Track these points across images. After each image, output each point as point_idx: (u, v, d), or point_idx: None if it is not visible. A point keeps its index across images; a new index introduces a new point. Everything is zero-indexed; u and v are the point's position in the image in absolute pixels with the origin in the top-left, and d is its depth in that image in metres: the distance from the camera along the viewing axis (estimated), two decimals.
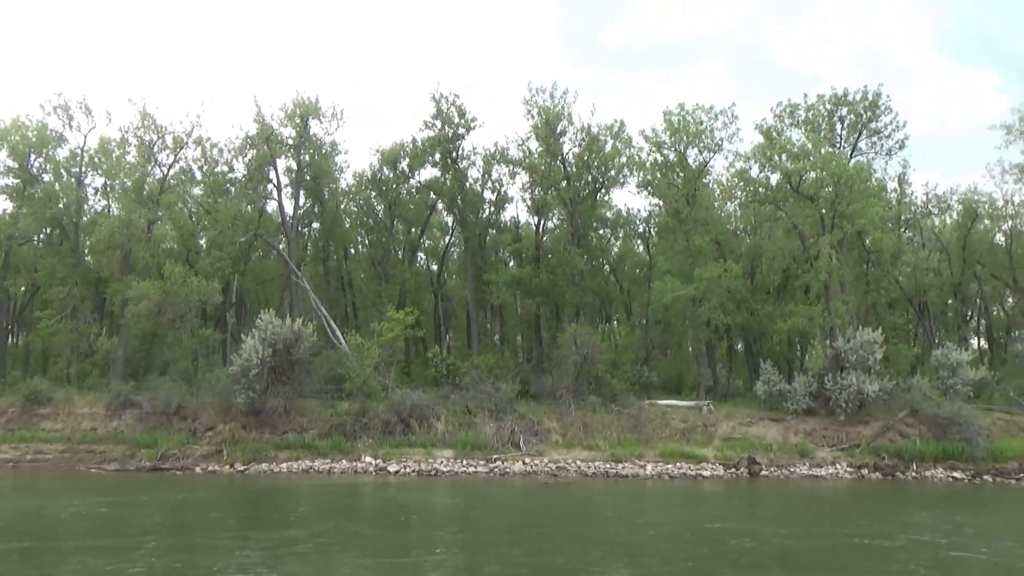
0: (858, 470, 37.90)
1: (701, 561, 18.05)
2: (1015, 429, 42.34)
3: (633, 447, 38.08)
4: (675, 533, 21.73)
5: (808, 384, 40.38)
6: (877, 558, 18.42)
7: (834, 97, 44.00)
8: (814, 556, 18.80)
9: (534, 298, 44.84)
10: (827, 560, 18.31)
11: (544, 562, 17.23)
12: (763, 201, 42.82)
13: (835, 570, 17.41)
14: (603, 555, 18.07)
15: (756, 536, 21.12)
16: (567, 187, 45.57)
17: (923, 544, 20.23)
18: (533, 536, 21.07)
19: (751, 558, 18.24)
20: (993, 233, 54.38)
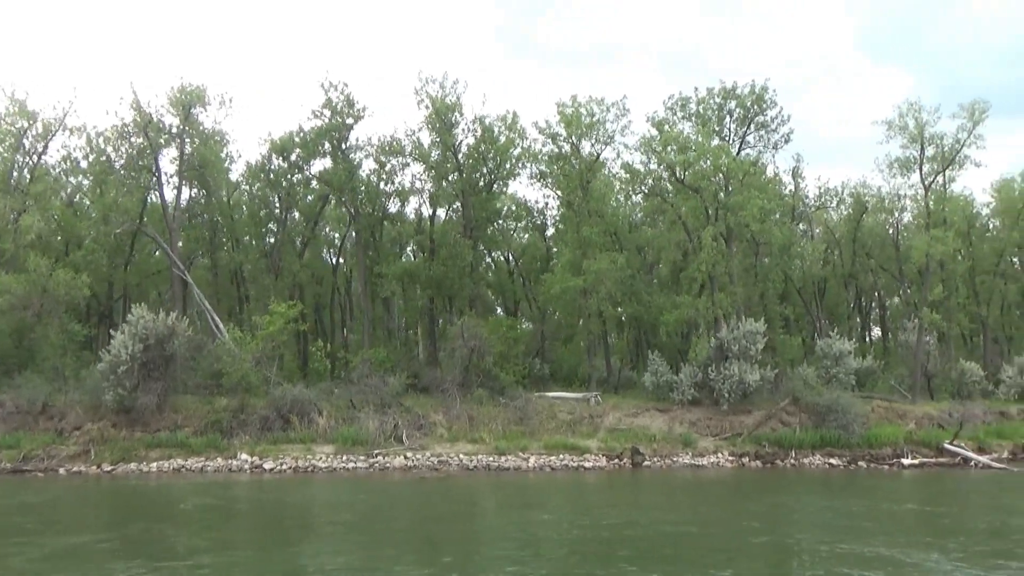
0: (739, 459, 38.47)
1: (533, 554, 17.83)
2: (893, 416, 43.61)
3: (518, 440, 37.83)
4: (492, 527, 21.57)
5: (693, 375, 40.81)
6: (665, 544, 18.60)
7: (723, 91, 44.47)
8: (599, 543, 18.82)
9: (425, 290, 44.25)
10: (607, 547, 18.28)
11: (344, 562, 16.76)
12: (649, 193, 43.03)
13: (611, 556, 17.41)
14: (417, 551, 17.76)
15: (580, 524, 21.17)
16: (459, 178, 45.06)
17: (733, 530, 20.65)
18: (365, 531, 20.64)
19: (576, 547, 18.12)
20: (886, 227, 55.93)
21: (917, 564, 16.03)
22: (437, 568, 16.12)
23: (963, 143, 44.65)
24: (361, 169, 47.41)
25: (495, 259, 51.76)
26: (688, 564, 16.76)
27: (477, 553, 17.87)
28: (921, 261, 45.06)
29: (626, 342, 51.31)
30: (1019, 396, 48.73)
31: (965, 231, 53.93)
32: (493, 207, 46.30)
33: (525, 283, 54.19)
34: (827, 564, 16.22)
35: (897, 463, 38.53)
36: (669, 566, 16.55)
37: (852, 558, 16.55)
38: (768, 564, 17.18)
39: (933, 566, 15.74)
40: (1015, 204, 53.17)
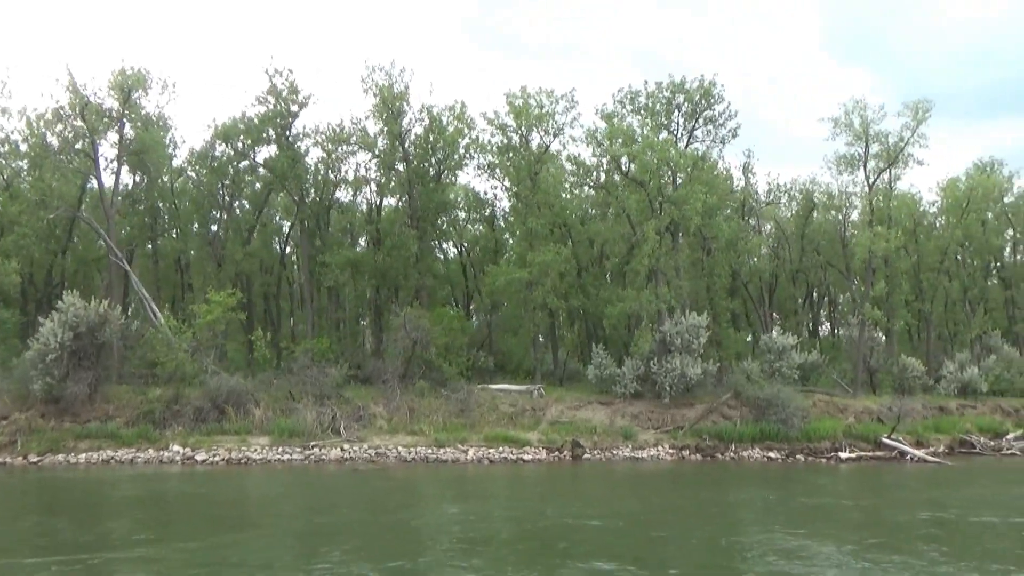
0: (679, 452, 38.60)
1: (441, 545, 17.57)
2: (834, 410, 44.10)
3: (458, 432, 37.57)
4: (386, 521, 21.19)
5: (636, 368, 40.83)
6: (577, 536, 18.61)
7: (672, 85, 44.42)
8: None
9: (370, 281, 43.75)
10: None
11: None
12: (595, 186, 42.94)
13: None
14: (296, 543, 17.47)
15: (491, 517, 21.03)
16: (406, 168, 44.60)
17: (640, 522, 20.78)
18: (260, 523, 20.33)
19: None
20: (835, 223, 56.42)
21: (809, 556, 16.13)
22: (325, 561, 15.82)
23: (907, 141, 45.22)
24: (309, 157, 46.87)
25: (445, 250, 51.36)
26: (580, 557, 16.61)
27: (367, 547, 17.45)
28: (864, 258, 45.49)
29: (577, 335, 51.24)
30: (959, 391, 49.47)
31: (911, 229, 54.68)
32: (441, 198, 45.80)
33: (476, 275, 53.86)
34: (711, 554, 16.26)
35: (835, 457, 38.96)
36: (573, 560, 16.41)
37: (743, 548, 16.63)
38: (654, 554, 17.15)
39: (823, 557, 15.85)
40: (960, 203, 53.96)
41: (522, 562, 15.79)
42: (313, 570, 14.97)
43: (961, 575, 14.61)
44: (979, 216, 55.45)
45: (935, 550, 16.89)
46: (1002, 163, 57.96)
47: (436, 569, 15.22)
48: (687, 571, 15.17)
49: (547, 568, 15.33)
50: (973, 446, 43.83)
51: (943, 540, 18.38)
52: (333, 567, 15.17)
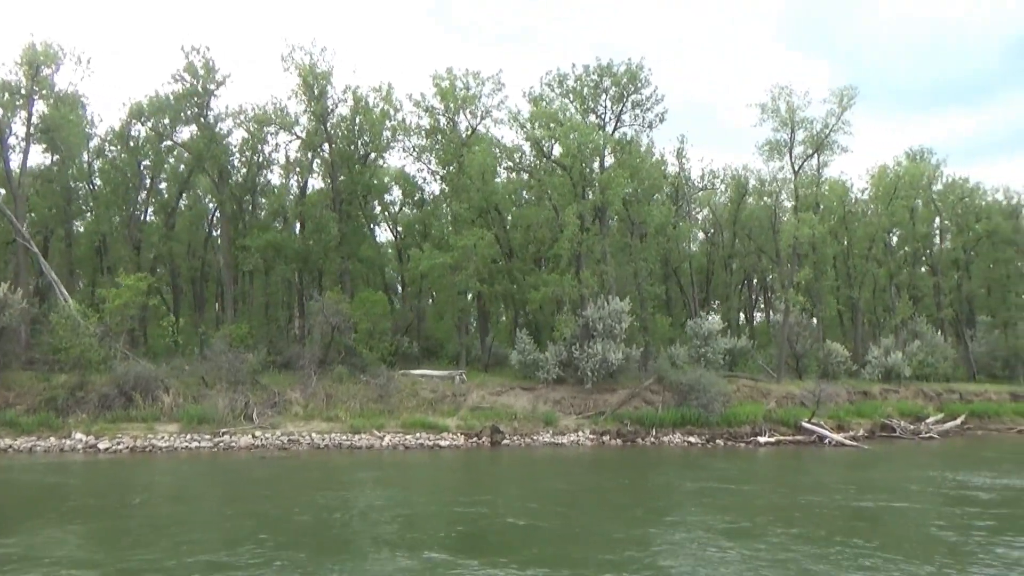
0: (600, 437, 38.47)
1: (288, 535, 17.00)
2: (758, 395, 44.38)
3: (375, 418, 37.00)
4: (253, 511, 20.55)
5: (559, 353, 40.57)
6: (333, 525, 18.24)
7: (599, 68, 44.05)
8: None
9: (290, 264, 42.82)
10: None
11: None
12: (515, 169, 42.47)
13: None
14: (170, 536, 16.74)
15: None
16: (329, 150, 43.65)
17: (518, 509, 20.34)
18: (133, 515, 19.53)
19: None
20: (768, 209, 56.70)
21: (647, 540, 16.06)
22: (147, 553, 15.14)
23: (831, 128, 45.41)
24: (231, 138, 45.68)
25: (377, 234, 50.52)
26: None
27: (197, 540, 16.60)
28: (788, 243, 45.74)
29: (509, 320, 50.85)
30: (883, 376, 50.20)
31: (842, 216, 55.25)
32: (366, 181, 44.92)
33: (408, 259, 53.14)
34: (568, 542, 16.05)
35: (754, 441, 39.17)
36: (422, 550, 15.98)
37: (595, 533, 16.58)
38: (509, 544, 16.91)
39: (663, 542, 15.82)
40: (889, 190, 54.59)
41: (334, 555, 15.14)
42: (125, 565, 14.24)
43: (799, 559, 14.51)
44: (908, 203, 56.20)
45: (786, 533, 16.93)
46: (931, 151, 58.94)
47: (251, 563, 14.56)
48: (532, 559, 14.75)
49: (359, 559, 14.81)
50: (893, 430, 44.52)
51: (802, 523, 18.41)
52: (146, 562, 14.44)
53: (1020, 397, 53.27)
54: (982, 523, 18.67)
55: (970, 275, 60.25)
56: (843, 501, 21.70)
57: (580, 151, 38.79)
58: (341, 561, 14.52)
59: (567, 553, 15.16)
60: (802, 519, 18.99)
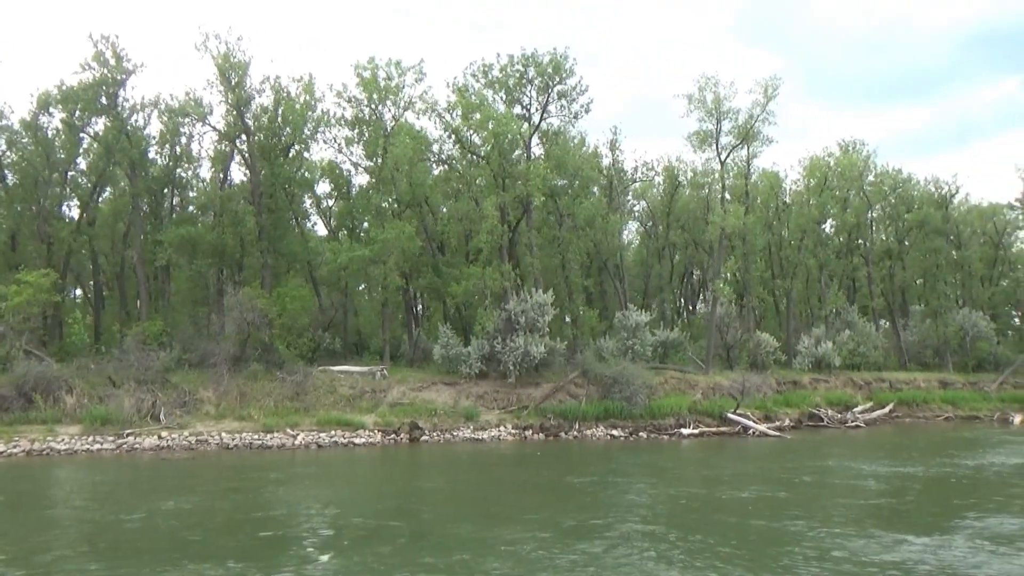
0: (522, 432, 37.99)
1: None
2: (686, 387, 44.25)
3: (290, 416, 36.08)
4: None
5: (481, 347, 39.98)
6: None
7: (523, 58, 43.45)
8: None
9: (205, 259, 41.60)
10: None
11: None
12: (436, 160, 41.74)
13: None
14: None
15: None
16: (248, 142, 42.47)
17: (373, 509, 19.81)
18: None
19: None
20: (700, 201, 56.65)
21: (487, 541, 15.68)
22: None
23: (756, 118, 45.35)
24: (150, 129, 44.31)
25: (300, 227, 49.20)
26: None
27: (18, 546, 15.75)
28: (715, 234, 45.64)
29: (438, 315, 50.13)
30: (813, 366, 50.44)
31: (775, 207, 55.42)
32: (289, 173, 43.80)
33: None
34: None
35: (677, 433, 39.01)
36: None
37: (440, 533, 16.33)
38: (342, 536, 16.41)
39: (502, 540, 15.50)
40: (820, 181, 54.85)
41: (111, 561, 14.28)
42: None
43: (622, 557, 14.16)
44: (841, 194, 56.55)
45: (633, 529, 16.65)
46: (864, 143, 59.33)
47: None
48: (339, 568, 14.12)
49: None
50: (821, 419, 44.72)
51: (659, 519, 18.13)
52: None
53: (949, 384, 54.00)
54: (840, 515, 18.30)
55: (904, 265, 60.87)
56: (721, 494, 21.37)
57: (499, 141, 38.13)
58: (113, 568, 13.77)
59: (391, 555, 14.51)
60: (663, 515, 18.62)
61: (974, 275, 61.62)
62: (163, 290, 45.29)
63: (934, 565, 13.50)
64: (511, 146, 39.56)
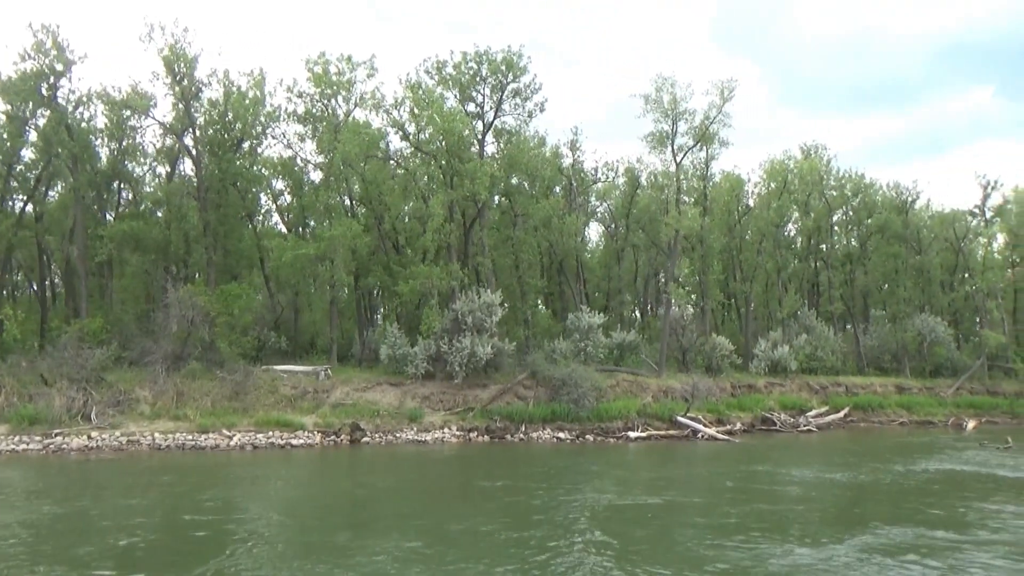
0: (467, 434, 37.45)
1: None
2: (638, 389, 43.80)
3: (228, 416, 35.32)
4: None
5: (428, 348, 39.36)
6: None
7: (477, 55, 42.92)
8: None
9: (148, 255, 40.71)
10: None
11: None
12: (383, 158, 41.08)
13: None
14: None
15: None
16: (194, 136, 41.65)
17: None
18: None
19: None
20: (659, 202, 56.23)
21: (348, 549, 15.28)
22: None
23: (712, 120, 45.06)
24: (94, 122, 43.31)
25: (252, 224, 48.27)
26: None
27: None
28: (669, 236, 45.30)
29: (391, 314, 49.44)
30: (769, 370, 50.20)
31: (735, 209, 55.18)
32: (235, 169, 42.97)
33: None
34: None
35: (624, 436, 38.59)
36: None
37: (311, 542, 15.78)
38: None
39: (361, 548, 15.14)
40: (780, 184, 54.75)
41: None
42: None
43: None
44: (801, 198, 56.46)
45: (489, 536, 16.32)
46: (825, 147, 59.34)
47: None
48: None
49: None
50: (774, 423, 44.50)
51: (531, 525, 17.67)
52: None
53: (906, 389, 53.94)
54: (736, 523, 17.86)
55: (866, 270, 60.88)
56: (630, 499, 20.93)
57: (446, 138, 37.55)
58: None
59: (232, 566, 13.94)
60: (549, 521, 18.06)
61: (933, 280, 61.70)
62: (107, 287, 44.25)
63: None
64: (460, 143, 38.96)
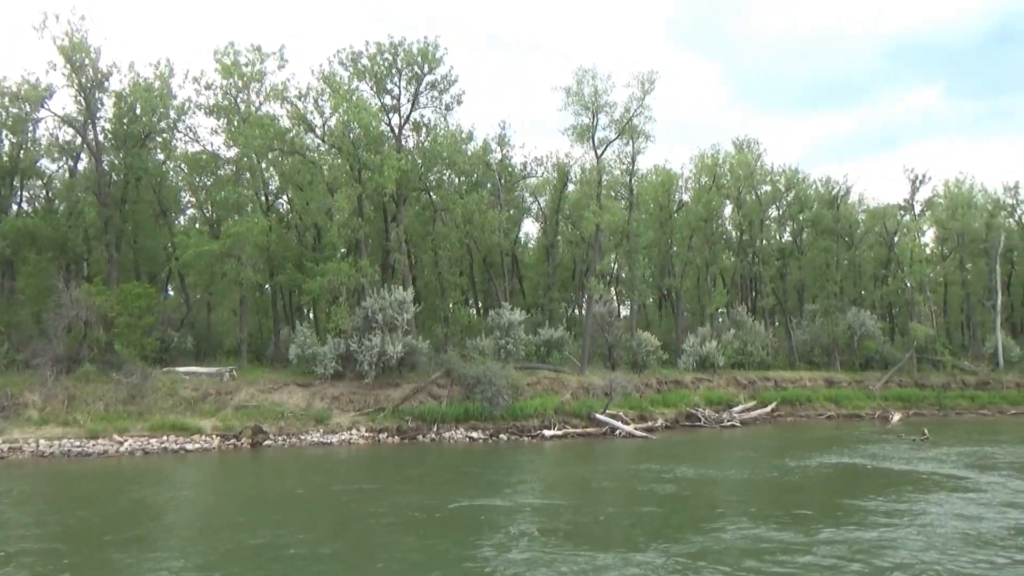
0: (376, 434, 36.41)
1: None
2: (559, 387, 43.09)
3: (121, 421, 33.78)
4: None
5: (337, 346, 38.20)
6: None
7: (392, 46, 41.84)
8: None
9: (44, 253, 38.99)
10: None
11: None
12: (288, 150, 39.80)
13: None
14: None
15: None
16: (93, 130, 39.93)
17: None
18: None
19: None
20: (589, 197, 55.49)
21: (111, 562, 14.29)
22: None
23: (633, 112, 44.47)
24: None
25: (166, 221, 46.60)
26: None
27: None
28: (590, 230, 44.63)
29: (310, 312, 48.17)
30: (698, 365, 49.84)
31: (666, 204, 54.70)
32: (140, 164, 41.32)
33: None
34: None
35: (539, 435, 37.82)
36: None
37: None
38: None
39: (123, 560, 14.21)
40: (710, 179, 54.40)
41: None
42: None
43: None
44: (733, 192, 56.19)
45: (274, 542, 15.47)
46: (758, 142, 59.12)
47: None
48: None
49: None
50: (698, 419, 44.12)
51: (340, 533, 17.04)
52: None
53: (835, 383, 54.03)
54: (567, 528, 17.13)
55: (800, 264, 60.90)
56: (477, 501, 20.12)
57: (351, 130, 36.41)
58: None
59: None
60: (345, 530, 17.29)
61: (865, 274, 62.00)
62: (3, 286, 42.31)
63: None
64: (368, 136, 37.82)
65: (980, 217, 60.58)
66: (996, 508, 18.30)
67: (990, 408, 52.78)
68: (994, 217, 61.42)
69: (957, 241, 61.39)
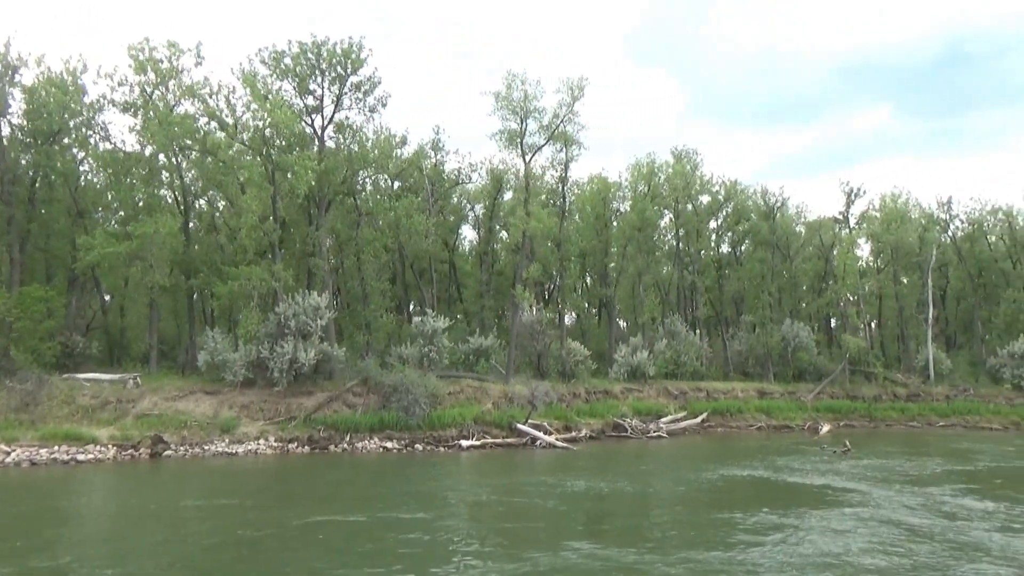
0: (285, 444, 35.21)
1: None
2: (481, 396, 42.27)
3: (10, 430, 32.15)
4: None
5: (248, 353, 36.97)
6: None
7: (315, 45, 40.86)
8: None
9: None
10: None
11: None
12: (201, 150, 38.62)
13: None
14: None
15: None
16: (6, 124, 38.43)
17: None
18: None
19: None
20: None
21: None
22: None
23: (562, 118, 43.99)
24: None
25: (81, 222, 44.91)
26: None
27: None
28: (517, 237, 44.00)
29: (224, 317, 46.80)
30: (629, 375, 49.40)
31: (601, 213, 54.35)
32: (49, 163, 39.80)
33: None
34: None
35: (456, 445, 36.94)
36: None
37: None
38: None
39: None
40: (644, 188, 54.21)
41: None
42: None
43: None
44: (669, 201, 56.04)
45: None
46: (696, 152, 59.08)
47: None
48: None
49: None
50: (625, 429, 43.59)
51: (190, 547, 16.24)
52: None
53: (767, 394, 53.97)
54: (376, 548, 16.24)
55: (739, 275, 60.92)
56: (325, 517, 19.17)
57: (262, 129, 35.35)
58: None
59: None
60: (161, 551, 16.26)
61: (799, 286, 62.25)
62: None
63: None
64: (285, 136, 36.79)
65: (914, 231, 61.17)
66: (871, 524, 17.83)
67: (919, 420, 53.12)
68: (928, 231, 62.09)
69: (891, 255, 61.93)
